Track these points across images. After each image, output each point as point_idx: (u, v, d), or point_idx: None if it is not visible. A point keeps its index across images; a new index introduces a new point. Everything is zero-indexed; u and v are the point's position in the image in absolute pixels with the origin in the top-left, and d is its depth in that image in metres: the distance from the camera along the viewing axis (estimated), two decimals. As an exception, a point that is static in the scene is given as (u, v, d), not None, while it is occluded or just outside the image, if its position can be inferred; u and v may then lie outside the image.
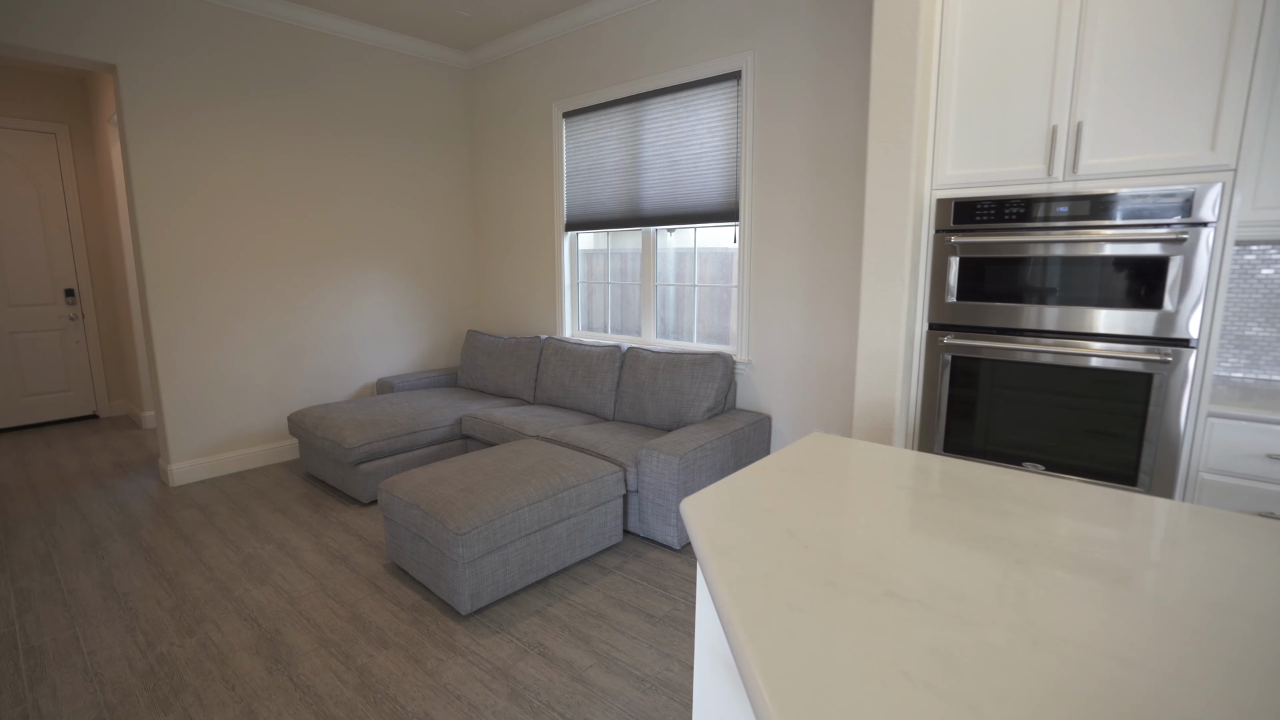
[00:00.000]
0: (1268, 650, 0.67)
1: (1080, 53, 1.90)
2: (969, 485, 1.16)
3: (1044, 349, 2.04)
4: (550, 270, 4.40)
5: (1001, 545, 0.91)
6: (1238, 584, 0.80)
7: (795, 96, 3.06)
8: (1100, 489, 1.14)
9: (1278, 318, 2.14)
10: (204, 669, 2.02)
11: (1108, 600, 0.77)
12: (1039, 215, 2.02)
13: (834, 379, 3.10)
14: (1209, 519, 1.00)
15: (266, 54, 3.72)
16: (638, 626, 2.26)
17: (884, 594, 0.78)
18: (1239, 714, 0.58)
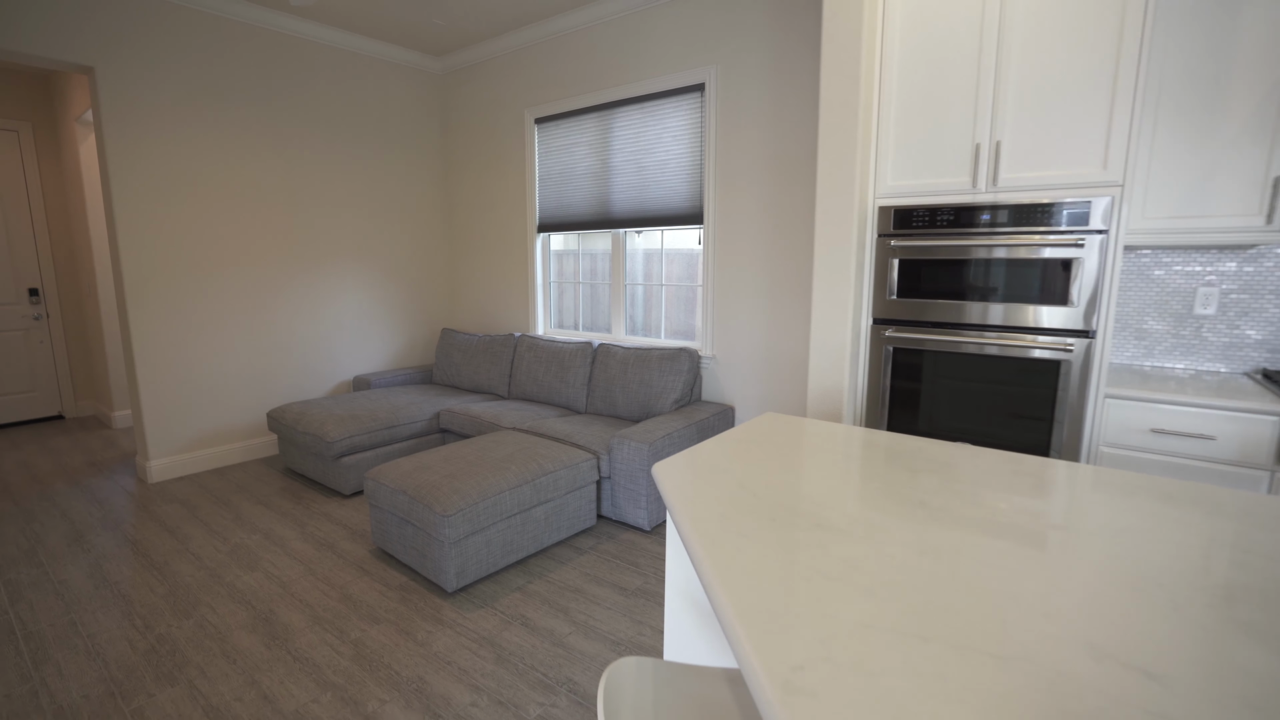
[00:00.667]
0: (1059, 539, 0.90)
1: (998, 82, 2.16)
2: (890, 449, 1.39)
3: (972, 340, 2.31)
4: (523, 270, 4.56)
5: (908, 490, 1.14)
6: (1071, 504, 1.04)
7: (754, 109, 3.29)
8: (992, 451, 1.38)
9: (1169, 312, 2.45)
10: (204, 646, 2.15)
11: (982, 526, 1.00)
12: (966, 222, 2.28)
13: (791, 371, 3.35)
14: (1061, 469, 1.24)
15: (243, 58, 3.79)
16: (612, 599, 2.45)
17: (812, 525, 1.00)
18: (1063, 572, 0.80)
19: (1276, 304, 2.25)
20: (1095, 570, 0.86)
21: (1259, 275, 2.27)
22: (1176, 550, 0.91)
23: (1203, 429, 1.95)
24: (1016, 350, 2.22)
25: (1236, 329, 2.33)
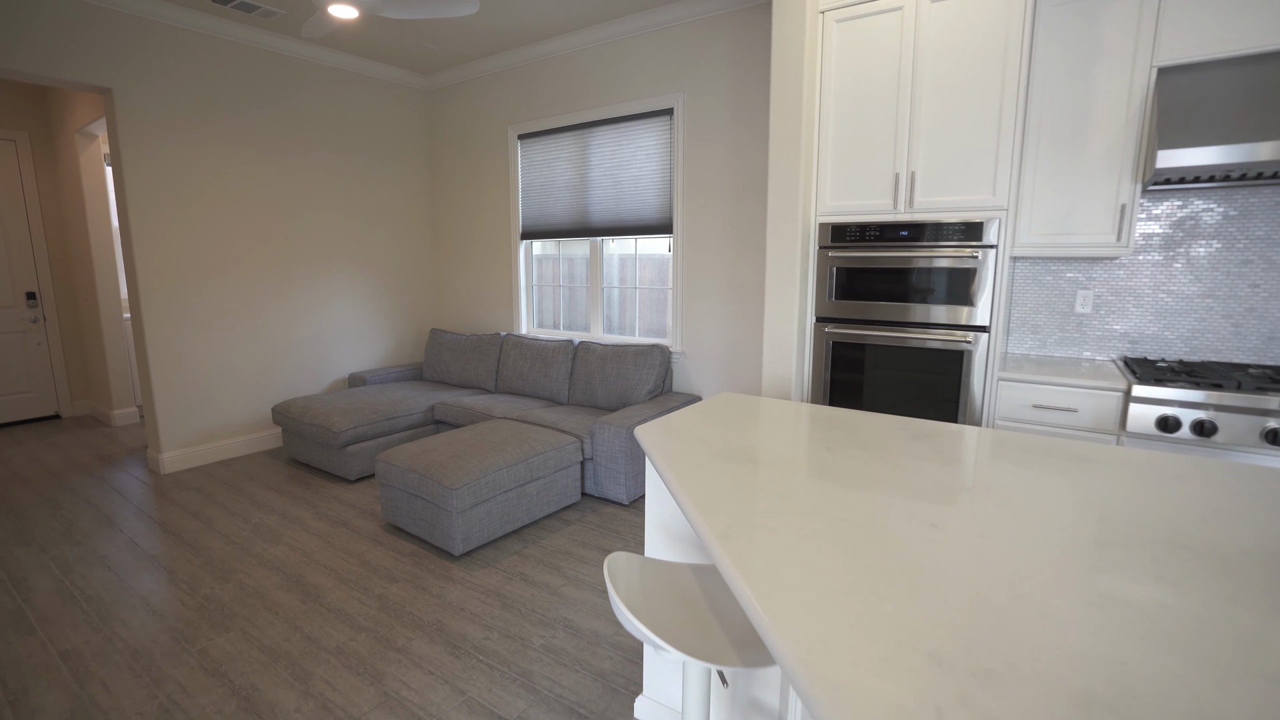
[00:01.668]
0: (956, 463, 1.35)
1: (912, 125, 2.63)
2: (814, 416, 1.83)
3: (896, 335, 2.78)
4: (507, 274, 4.93)
5: (819, 440, 1.58)
6: (955, 446, 1.49)
7: (717, 133, 3.73)
8: (886, 415, 1.83)
9: (1056, 311, 2.96)
10: (247, 603, 2.50)
11: (865, 458, 1.43)
12: (889, 237, 2.75)
13: (749, 363, 3.81)
14: (929, 425, 1.70)
15: (246, 77, 4.09)
16: (597, 559, 2.87)
17: (745, 460, 1.43)
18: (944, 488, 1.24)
19: (1134, 304, 2.77)
20: (935, 474, 1.30)
21: (1120, 281, 2.79)
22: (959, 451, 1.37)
23: (1068, 403, 2.44)
24: (930, 343, 2.70)
25: (1106, 324, 2.84)
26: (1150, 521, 1.09)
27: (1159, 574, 0.90)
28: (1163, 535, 1.03)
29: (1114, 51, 2.44)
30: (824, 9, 2.76)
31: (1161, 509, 1.14)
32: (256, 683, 2.03)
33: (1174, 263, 2.68)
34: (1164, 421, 2.22)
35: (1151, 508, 1.15)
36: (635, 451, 3.44)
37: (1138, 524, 1.08)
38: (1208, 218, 2.58)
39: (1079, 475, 1.32)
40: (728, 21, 3.61)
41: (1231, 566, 0.92)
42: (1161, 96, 2.31)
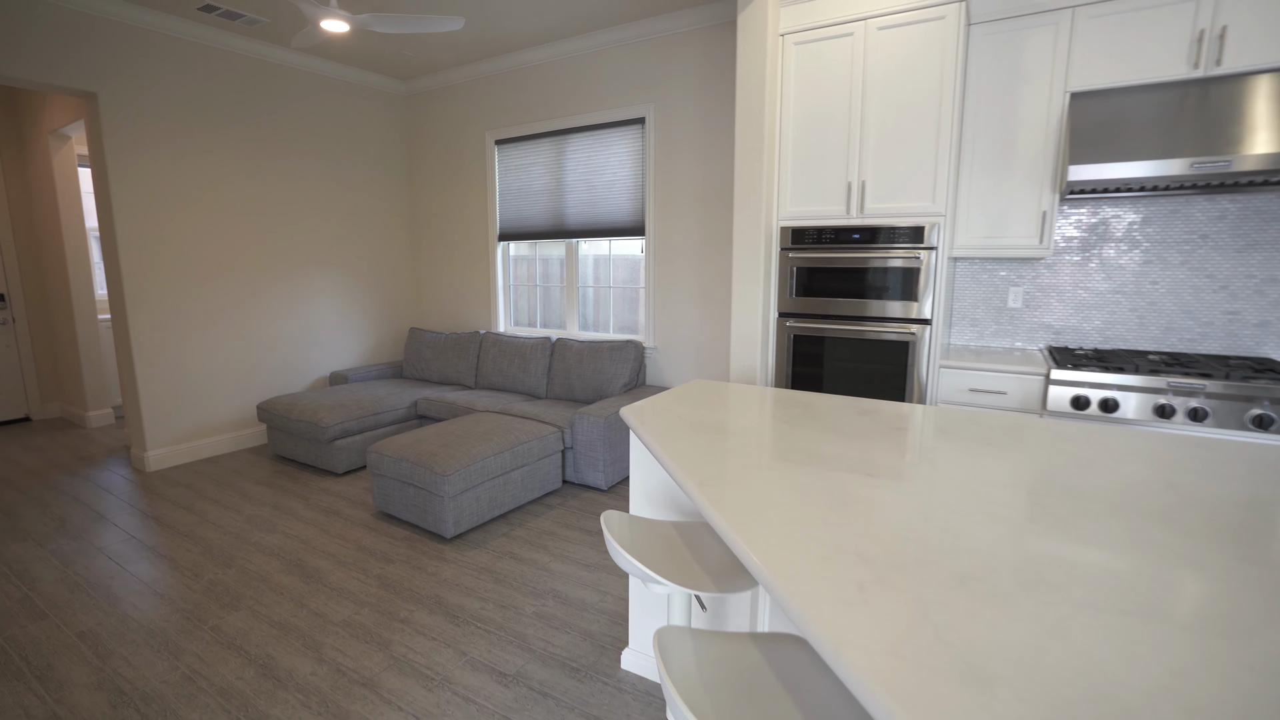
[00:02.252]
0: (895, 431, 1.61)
1: (862, 139, 2.92)
2: (775, 397, 2.09)
3: (850, 328, 3.06)
4: (485, 274, 5.11)
5: (779, 415, 1.83)
6: (899, 419, 1.76)
7: (686, 141, 3.99)
8: (841, 397, 2.10)
9: (992, 306, 3.29)
10: (251, 586, 2.65)
11: (817, 428, 1.69)
12: (843, 239, 3.04)
13: (718, 356, 4.08)
14: (875, 403, 1.97)
15: (230, 83, 4.19)
16: (580, 538, 3.09)
17: (716, 431, 1.67)
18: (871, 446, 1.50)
19: (1057, 299, 3.11)
20: (874, 439, 1.57)
21: (1045, 279, 3.13)
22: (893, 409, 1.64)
23: (999, 387, 2.76)
24: (880, 335, 3.00)
25: (1034, 317, 3.19)
26: (1033, 469, 1.37)
27: (1031, 500, 1.18)
28: (1041, 478, 1.31)
29: (1034, 77, 2.77)
30: (784, 32, 3.03)
31: (1044, 458, 1.43)
32: (271, 653, 2.20)
33: (1089, 263, 3.03)
34: (1076, 400, 2.55)
35: (1036, 458, 1.43)
36: (613, 440, 3.67)
37: (1025, 470, 1.36)
38: (1115, 224, 2.94)
39: (989, 439, 1.61)
40: (696, 38, 3.87)
41: (1086, 494, 1.21)
42: (1073, 118, 2.65)
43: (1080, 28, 2.66)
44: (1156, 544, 1.00)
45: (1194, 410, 2.37)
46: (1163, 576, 0.90)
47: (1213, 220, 2.75)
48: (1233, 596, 0.85)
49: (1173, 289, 2.87)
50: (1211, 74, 2.45)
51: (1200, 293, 2.82)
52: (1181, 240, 2.83)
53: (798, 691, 0.99)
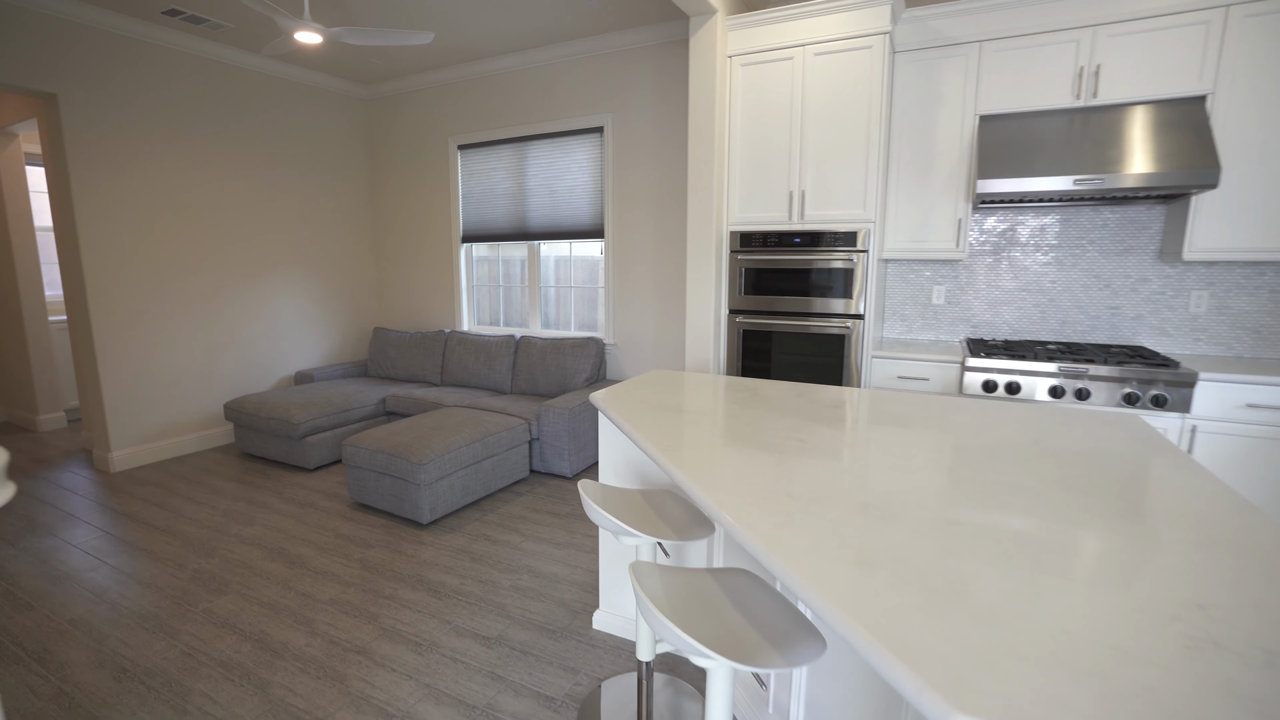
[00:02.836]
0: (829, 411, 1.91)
1: (802, 152, 3.24)
2: (727, 383, 2.37)
3: (793, 323, 3.38)
4: (449, 275, 5.26)
5: (729, 397, 2.11)
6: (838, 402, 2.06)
7: (643, 149, 4.25)
8: (784, 382, 2.40)
9: (918, 303, 3.67)
10: (236, 572, 2.78)
11: (762, 408, 1.98)
12: (785, 243, 3.35)
13: (674, 351, 4.36)
14: (813, 388, 2.28)
15: (193, 85, 4.23)
16: (549, 521, 3.32)
17: (674, 411, 1.94)
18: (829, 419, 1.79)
19: (974, 297, 3.51)
20: (808, 414, 1.86)
21: (963, 279, 3.53)
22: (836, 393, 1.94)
23: (923, 374, 3.13)
24: (820, 329, 3.33)
25: (955, 312, 3.58)
26: (934, 434, 1.69)
27: (925, 455, 1.49)
28: (937, 440, 1.63)
29: (949, 100, 3.14)
30: (731, 54, 3.33)
31: (945, 426, 1.75)
32: (265, 630, 2.36)
33: (1000, 264, 3.44)
34: (987, 384, 2.94)
35: (938, 426, 1.75)
36: (577, 430, 3.91)
37: (927, 435, 1.67)
38: (1021, 230, 3.35)
39: (902, 414, 1.93)
40: (651, 54, 4.14)
41: (969, 449, 1.53)
42: (982, 137, 3.03)
43: (986, 59, 3.04)
44: (1010, 480, 1.32)
45: (1079, 390, 2.77)
46: (1009, 499, 1.21)
47: (1097, 228, 3.19)
48: (1051, 506, 1.16)
49: (1067, 287, 3.29)
50: (1091, 104, 2.86)
51: (1089, 290, 3.25)
52: (1073, 245, 3.25)
53: (742, 605, 1.26)
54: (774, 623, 1.21)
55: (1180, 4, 2.66)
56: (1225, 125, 2.67)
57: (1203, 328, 3.05)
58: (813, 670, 1.63)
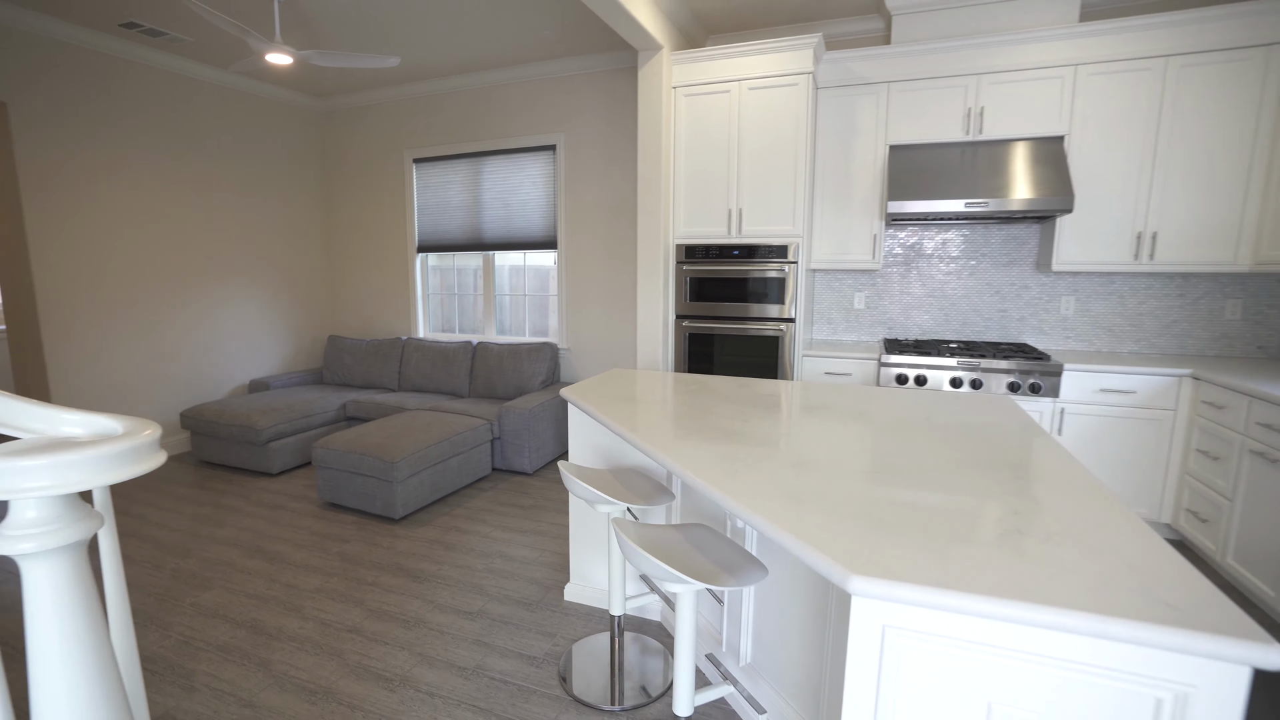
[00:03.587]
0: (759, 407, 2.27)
1: (740, 173, 3.64)
2: (676, 378, 2.71)
3: (734, 327, 3.77)
4: (405, 284, 5.41)
5: (681, 389, 2.45)
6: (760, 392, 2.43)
7: (593, 166, 4.57)
8: (728, 377, 2.76)
9: (842, 307, 4.14)
10: (218, 569, 2.91)
11: (710, 398, 2.33)
12: (725, 254, 3.74)
13: (623, 354, 4.69)
14: (751, 382, 2.65)
15: (146, 95, 4.26)
16: (515, 512, 3.57)
17: (632, 400, 2.27)
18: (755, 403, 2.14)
19: (889, 302, 4.00)
20: (747, 400, 2.22)
21: (880, 286, 4.02)
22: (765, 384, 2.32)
23: (846, 370, 3.57)
24: (757, 332, 3.73)
25: (874, 315, 4.06)
26: (849, 412, 2.08)
27: (842, 425, 1.87)
28: (852, 415, 2.02)
29: (865, 131, 3.62)
30: (675, 86, 3.70)
31: (859, 407, 2.15)
32: (257, 617, 2.52)
33: (910, 274, 3.94)
34: (899, 378, 3.40)
35: (854, 407, 2.15)
36: (536, 429, 4.18)
37: (844, 412, 2.06)
38: (926, 244, 3.86)
39: (827, 398, 2.32)
40: (601, 79, 4.47)
41: (876, 421, 1.92)
42: (891, 164, 3.50)
43: (893, 97, 3.53)
44: (905, 443, 1.71)
45: (974, 380, 3.27)
46: (901, 454, 1.60)
47: (989, 242, 3.73)
48: (931, 457, 1.55)
49: (966, 293, 3.82)
50: (978, 139, 3.38)
51: (983, 296, 3.79)
52: (969, 257, 3.78)
53: (700, 547, 1.60)
54: (727, 558, 1.55)
55: (1042, 61, 3.20)
56: (1078, 160, 3.24)
57: (1070, 327, 3.63)
58: (758, 590, 1.98)
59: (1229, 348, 3.38)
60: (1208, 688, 0.85)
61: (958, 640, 0.97)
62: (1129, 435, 3.07)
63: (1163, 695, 0.88)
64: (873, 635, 1.02)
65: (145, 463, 0.96)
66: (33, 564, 0.91)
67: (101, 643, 0.97)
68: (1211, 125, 3.03)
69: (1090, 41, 3.14)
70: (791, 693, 1.79)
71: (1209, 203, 3.07)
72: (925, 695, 1.01)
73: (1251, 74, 2.94)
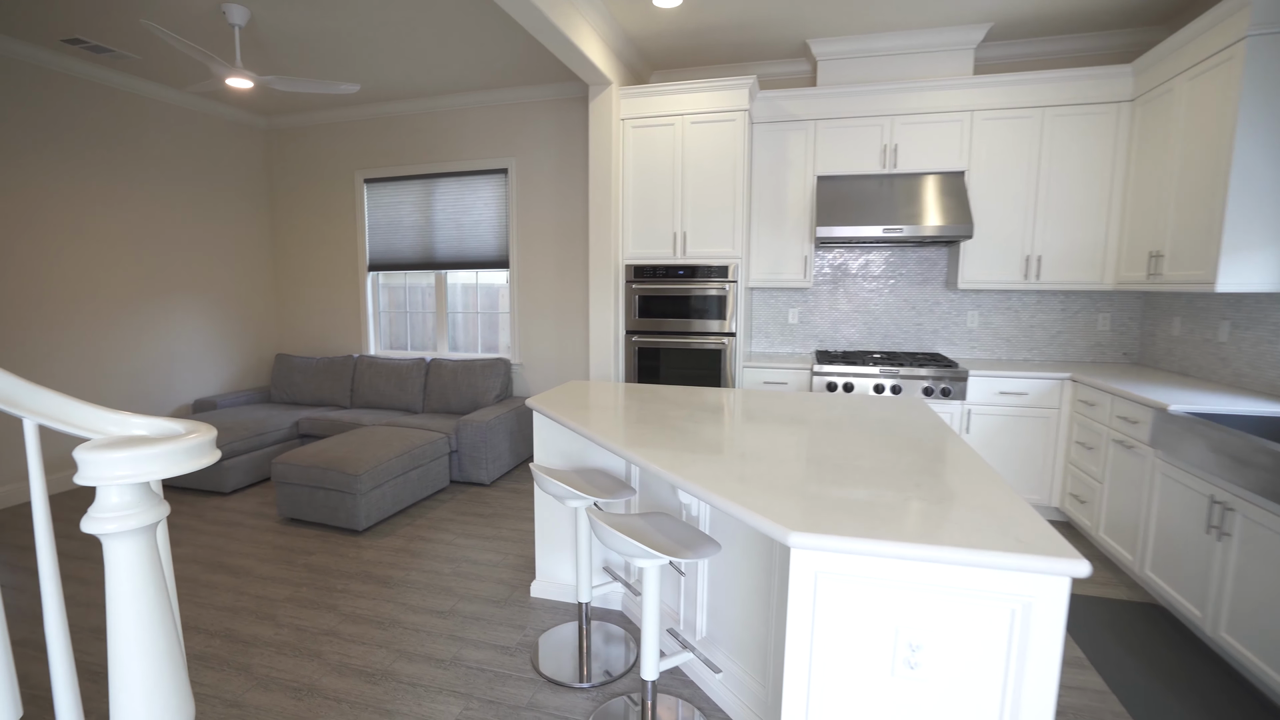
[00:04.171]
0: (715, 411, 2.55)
1: (683, 200, 3.96)
2: (628, 389, 2.97)
3: (679, 341, 4.06)
4: (355, 302, 5.46)
5: (633, 396, 2.71)
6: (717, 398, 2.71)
7: (544, 190, 4.81)
8: (676, 386, 3.03)
9: (777, 323, 4.51)
10: (181, 585, 2.94)
11: (660, 403, 2.59)
12: (671, 274, 4.04)
13: (576, 368, 4.91)
14: (696, 390, 2.94)
15: (87, 111, 4.21)
16: (476, 521, 3.72)
17: (597, 408, 2.50)
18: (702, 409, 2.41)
19: (820, 317, 4.40)
20: (695, 405, 2.50)
21: (811, 303, 4.41)
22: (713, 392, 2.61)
23: (782, 379, 3.92)
24: (700, 345, 4.03)
25: (806, 330, 4.45)
26: (783, 413, 2.39)
27: (777, 424, 2.17)
28: (785, 416, 2.33)
29: (796, 163, 4.01)
30: (624, 118, 3.99)
31: (791, 409, 2.46)
32: (230, 627, 2.59)
33: (838, 291, 4.35)
34: (829, 385, 3.77)
35: (786, 409, 2.46)
36: (493, 441, 4.33)
37: (779, 413, 2.37)
38: (851, 264, 4.29)
39: (764, 403, 2.63)
40: (552, 107, 4.72)
41: (806, 419, 2.23)
42: (819, 193, 3.90)
43: (820, 133, 3.94)
44: (833, 435, 2.02)
45: (894, 386, 3.67)
46: (830, 443, 1.90)
47: (905, 263, 4.18)
48: (854, 444, 1.86)
49: (886, 309, 4.26)
50: (894, 172, 3.83)
51: (902, 311, 4.23)
52: (889, 276, 4.23)
53: (662, 530, 1.85)
54: (685, 538, 1.81)
55: (944, 106, 3.68)
56: (977, 192, 3.72)
57: (975, 338, 4.11)
58: (711, 573, 2.24)
59: (1101, 355, 3.93)
60: (1042, 597, 1.16)
61: (872, 579, 1.26)
62: (1023, 431, 3.54)
63: (1015, 606, 1.19)
64: (808, 580, 1.30)
65: (207, 457, 1.13)
66: (115, 543, 1.07)
67: (168, 613, 1.13)
68: (1079, 166, 3.56)
69: (983, 91, 3.64)
70: (742, 656, 2.05)
71: (1080, 231, 3.60)
72: (849, 625, 1.29)
73: (1108, 125, 3.49)
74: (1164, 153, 3.15)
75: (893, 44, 3.83)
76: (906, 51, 3.84)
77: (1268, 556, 2.03)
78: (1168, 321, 3.58)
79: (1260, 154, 2.57)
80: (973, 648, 1.23)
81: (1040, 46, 3.85)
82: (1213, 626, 2.26)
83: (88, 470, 1.02)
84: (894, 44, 3.82)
